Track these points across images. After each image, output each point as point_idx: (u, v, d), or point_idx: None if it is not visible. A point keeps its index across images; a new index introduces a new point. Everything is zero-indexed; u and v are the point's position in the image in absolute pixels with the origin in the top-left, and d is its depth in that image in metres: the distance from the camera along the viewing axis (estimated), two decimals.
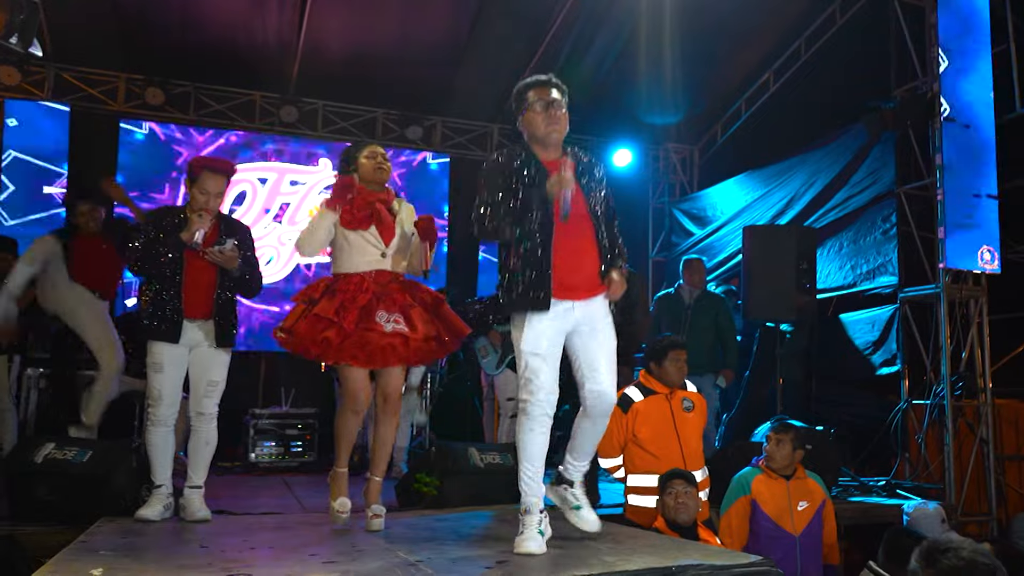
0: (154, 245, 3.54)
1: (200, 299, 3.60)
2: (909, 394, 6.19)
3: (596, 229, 2.98)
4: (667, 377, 4.17)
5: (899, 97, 6.37)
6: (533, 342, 2.86)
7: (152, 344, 3.57)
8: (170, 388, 3.58)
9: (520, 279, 2.88)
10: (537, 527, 2.78)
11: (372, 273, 3.28)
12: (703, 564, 2.47)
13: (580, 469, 3.07)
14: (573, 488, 3.03)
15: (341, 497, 3.33)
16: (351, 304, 3.15)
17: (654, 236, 9.46)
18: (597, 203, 3.02)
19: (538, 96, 3.00)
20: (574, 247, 2.93)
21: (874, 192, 6.53)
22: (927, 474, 5.92)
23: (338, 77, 7.82)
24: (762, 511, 4.02)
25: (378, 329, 3.14)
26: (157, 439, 3.59)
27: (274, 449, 6.37)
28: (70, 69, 7.41)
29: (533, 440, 2.86)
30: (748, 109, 8.62)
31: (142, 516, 3.46)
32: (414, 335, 3.21)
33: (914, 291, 6.16)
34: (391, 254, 3.34)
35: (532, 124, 3.01)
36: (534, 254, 2.87)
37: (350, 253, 3.31)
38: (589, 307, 2.96)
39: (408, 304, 3.27)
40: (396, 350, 3.20)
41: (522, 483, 2.87)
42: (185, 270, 3.57)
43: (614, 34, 7.64)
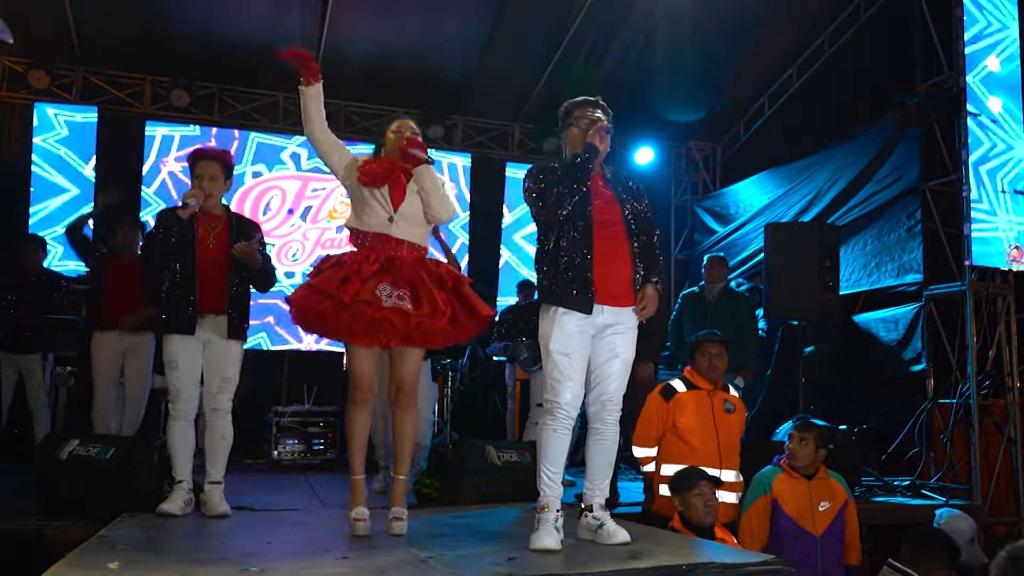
0: (159, 236, 3.62)
1: (213, 293, 3.65)
2: (935, 393, 6.09)
3: (630, 238, 3.04)
4: (700, 370, 4.18)
5: (924, 92, 6.27)
6: (562, 341, 2.92)
7: (167, 339, 3.64)
8: (187, 383, 3.65)
9: (562, 277, 2.94)
10: (553, 524, 2.83)
11: (379, 238, 3.12)
12: (714, 562, 2.46)
13: (598, 490, 3.06)
14: (593, 512, 3.02)
15: (358, 506, 3.14)
16: (355, 276, 3.00)
17: (676, 234, 9.42)
18: (632, 213, 3.08)
19: (582, 114, 3.10)
20: (609, 253, 3.00)
21: (899, 189, 6.43)
22: (953, 474, 5.83)
23: (360, 77, 7.87)
24: (783, 511, 3.98)
25: (376, 303, 2.94)
26: (177, 433, 3.65)
27: (296, 447, 6.42)
28: (98, 72, 7.54)
29: (555, 442, 2.93)
30: (771, 106, 8.54)
31: (163, 511, 3.51)
32: (417, 312, 2.98)
33: (940, 289, 6.07)
34: (399, 220, 3.14)
35: (575, 140, 3.09)
36: (574, 256, 2.95)
37: (362, 210, 3.18)
38: (617, 314, 3.01)
39: (419, 279, 3.07)
40: (394, 325, 2.97)
41: (541, 483, 2.92)
42: (198, 265, 3.62)
43: (635, 31, 7.61)
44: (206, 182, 3.67)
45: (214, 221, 3.76)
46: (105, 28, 7.05)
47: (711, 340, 4.26)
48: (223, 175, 3.75)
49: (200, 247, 3.65)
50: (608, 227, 3.00)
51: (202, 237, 3.68)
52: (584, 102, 3.14)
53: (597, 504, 3.02)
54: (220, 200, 3.80)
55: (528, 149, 8.79)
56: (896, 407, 6.29)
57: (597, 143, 3.00)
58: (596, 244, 2.97)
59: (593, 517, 3.00)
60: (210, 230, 3.72)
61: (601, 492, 3.05)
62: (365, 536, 3.03)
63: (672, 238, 9.39)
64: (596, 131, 3.01)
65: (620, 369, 3.03)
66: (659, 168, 9.21)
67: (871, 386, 6.58)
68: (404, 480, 3.26)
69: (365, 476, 3.24)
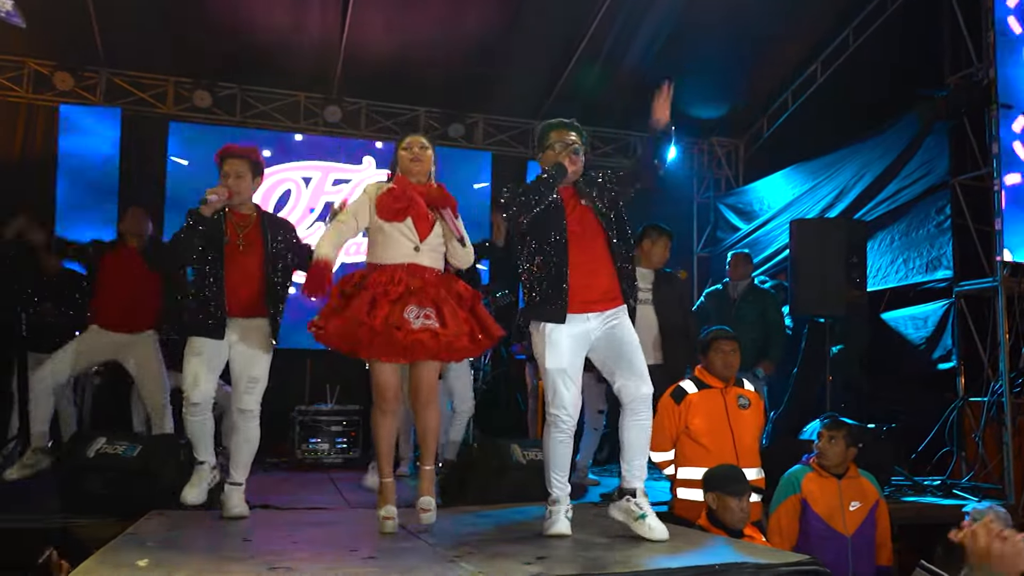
0: (180, 235, 3.56)
1: (243, 296, 3.59)
2: (965, 391, 5.99)
3: (609, 243, 3.20)
4: (713, 368, 4.11)
5: (953, 85, 6.16)
6: (555, 359, 3.10)
7: (193, 337, 3.57)
8: (206, 373, 3.55)
9: (538, 291, 3.15)
10: (564, 514, 3.10)
11: (405, 265, 3.19)
12: (748, 562, 2.41)
13: (638, 471, 3.14)
14: (636, 497, 3.07)
15: (387, 505, 3.23)
16: (382, 298, 3.08)
17: (699, 231, 9.33)
18: (605, 206, 3.24)
19: (558, 137, 3.28)
20: (587, 263, 3.16)
21: (927, 183, 6.32)
22: (985, 474, 5.72)
23: (381, 76, 7.87)
24: (812, 510, 3.93)
25: (406, 327, 3.05)
26: (194, 426, 3.58)
27: (319, 445, 6.42)
28: (121, 74, 7.59)
29: (560, 449, 3.15)
30: (795, 101, 8.43)
31: (186, 500, 3.48)
32: (444, 331, 3.10)
33: (970, 285, 5.96)
34: (425, 249, 3.24)
35: (548, 162, 3.25)
36: (550, 270, 3.13)
37: (385, 245, 3.24)
38: (607, 317, 3.17)
39: (442, 298, 3.18)
40: (425, 345, 3.09)
41: (551, 486, 3.17)
42: (227, 267, 3.56)
43: (656, 27, 7.54)
44: (232, 180, 3.61)
45: (243, 221, 3.69)
46: (129, 30, 7.08)
47: (725, 337, 4.20)
48: (251, 173, 3.67)
49: (229, 248, 3.58)
50: (584, 238, 3.17)
51: (231, 238, 3.61)
52: (559, 124, 3.33)
53: (640, 490, 3.08)
54: (249, 199, 3.73)
55: None
56: (925, 405, 6.18)
57: (567, 164, 3.15)
58: (572, 256, 3.13)
59: (636, 504, 3.05)
60: (239, 230, 3.65)
61: (641, 474, 3.13)
62: (392, 533, 3.12)
63: (695, 235, 9.30)
64: (566, 153, 3.17)
65: (633, 349, 3.16)
66: (681, 165, 9.13)
67: (899, 384, 6.47)
68: (431, 471, 3.36)
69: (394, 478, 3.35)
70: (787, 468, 4.20)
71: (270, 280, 3.66)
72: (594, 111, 8.50)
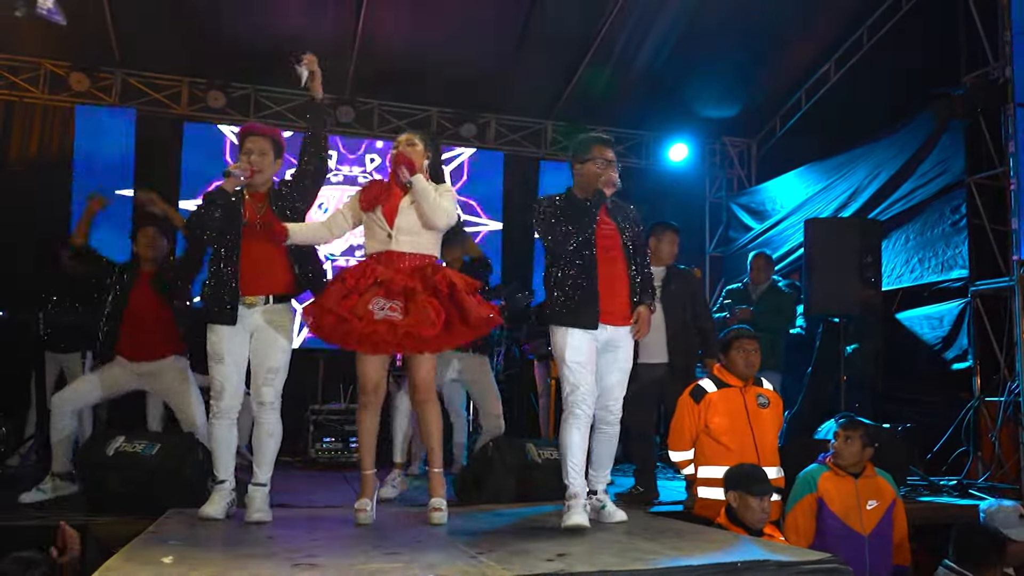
0: (200, 212, 3.51)
1: (260, 275, 3.51)
2: (981, 391, 5.97)
3: (628, 262, 3.48)
4: (735, 367, 4.11)
5: (969, 83, 6.14)
6: (575, 352, 3.34)
7: (211, 329, 3.50)
8: (232, 379, 3.50)
9: (567, 299, 3.36)
10: (582, 507, 3.27)
11: (382, 255, 3.38)
12: (770, 560, 2.41)
13: (602, 478, 3.53)
14: (596, 495, 3.48)
15: (362, 498, 3.41)
16: (354, 291, 3.24)
17: (711, 231, 9.32)
18: (631, 239, 3.50)
19: (600, 153, 3.47)
20: (610, 277, 3.41)
21: (942, 183, 6.30)
22: (1001, 474, 5.69)
23: (393, 77, 7.89)
24: (829, 509, 3.91)
25: (367, 318, 3.19)
26: (220, 432, 3.53)
27: (333, 445, 6.45)
28: (136, 75, 7.65)
29: (577, 437, 3.33)
30: (808, 100, 8.42)
31: (205, 514, 3.39)
32: (402, 322, 3.20)
33: (986, 284, 5.94)
34: (399, 235, 3.38)
35: (589, 175, 3.44)
36: (579, 279, 3.37)
37: (368, 235, 3.48)
38: (616, 331, 3.43)
39: (411, 289, 3.25)
40: (382, 337, 3.21)
41: (568, 475, 3.31)
42: (244, 249, 3.49)
43: (669, 27, 7.54)
44: (255, 157, 3.53)
45: (260, 200, 3.59)
46: (144, 31, 7.14)
47: (748, 336, 4.20)
48: (273, 152, 3.59)
49: (247, 230, 3.50)
50: (609, 252, 3.43)
51: (249, 219, 3.53)
52: (601, 140, 3.53)
53: (600, 489, 3.50)
54: (269, 178, 3.64)
55: (561, 147, 8.75)
56: (941, 405, 6.16)
57: (606, 191, 3.37)
58: (599, 269, 3.39)
59: (597, 499, 3.47)
60: (258, 211, 3.55)
61: (604, 479, 3.54)
62: (367, 524, 3.30)
63: (707, 235, 9.30)
64: (608, 179, 3.36)
65: (620, 377, 3.49)
66: (693, 165, 9.14)
67: (914, 384, 6.45)
68: (439, 473, 3.48)
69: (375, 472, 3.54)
70: (802, 467, 4.18)
71: (291, 260, 3.59)
72: (606, 111, 8.52)
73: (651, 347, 4.63)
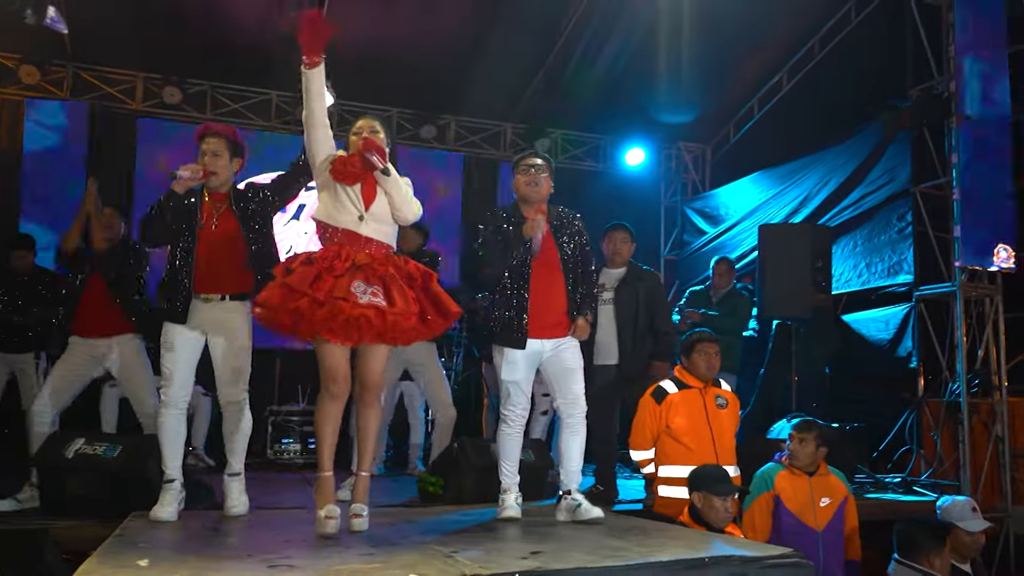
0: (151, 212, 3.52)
1: (216, 274, 3.51)
2: (925, 392, 6.21)
3: (565, 274, 3.60)
4: (696, 370, 4.22)
5: (915, 96, 6.38)
6: (510, 372, 3.56)
7: (165, 325, 3.52)
8: (181, 367, 3.49)
9: (502, 318, 3.53)
10: (514, 501, 3.54)
11: (347, 236, 3.13)
12: (735, 555, 2.51)
13: (573, 476, 3.59)
14: (571, 494, 3.53)
15: (328, 504, 3.07)
16: (327, 273, 3.00)
17: (666, 234, 9.49)
18: (570, 251, 3.63)
19: (525, 163, 3.65)
20: (545, 290, 3.55)
21: (890, 191, 6.54)
22: (943, 471, 5.94)
23: (353, 76, 7.82)
24: (785, 507, 4.05)
25: (352, 299, 2.97)
26: (169, 421, 3.49)
27: (292, 446, 6.42)
28: (89, 68, 7.48)
29: (512, 442, 3.61)
30: (761, 108, 8.64)
31: (156, 517, 3.35)
32: (391, 309, 3.02)
33: (930, 289, 6.18)
34: (370, 220, 3.17)
35: (517, 187, 3.66)
36: (512, 297, 3.52)
37: (333, 206, 3.19)
38: (558, 343, 3.58)
39: (390, 276, 3.10)
40: (371, 322, 2.98)
41: (502, 474, 3.60)
42: (200, 247, 3.51)
43: (628, 33, 7.66)
44: (208, 158, 3.55)
45: (220, 201, 3.61)
46: (97, 24, 6.96)
47: (709, 340, 4.31)
48: (228, 152, 3.60)
49: (203, 229, 3.52)
50: (546, 267, 3.56)
51: (205, 218, 3.55)
52: (527, 153, 3.75)
53: (574, 488, 3.55)
54: (227, 179, 3.64)
55: (520, 149, 8.81)
56: (887, 406, 6.40)
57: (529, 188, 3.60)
58: (533, 283, 3.53)
59: (572, 499, 3.51)
60: (215, 210, 3.58)
61: (576, 477, 3.59)
62: (334, 534, 2.98)
63: (662, 238, 9.47)
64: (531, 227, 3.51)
65: (574, 374, 3.60)
66: (650, 169, 9.29)
67: (862, 385, 6.69)
68: (367, 477, 3.27)
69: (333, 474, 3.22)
70: (757, 466, 4.32)
71: (249, 260, 3.59)
72: (565, 115, 8.61)
73: (604, 349, 4.73)
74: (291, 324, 3.00)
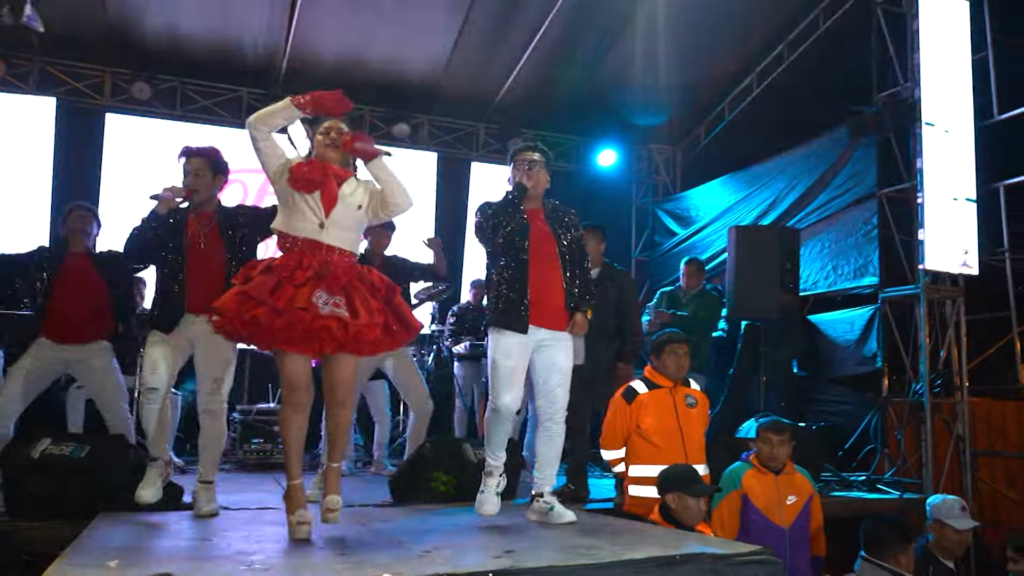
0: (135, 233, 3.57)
1: (205, 293, 3.52)
2: (889, 392, 6.34)
3: (563, 268, 3.55)
4: (666, 370, 4.26)
5: (881, 102, 6.51)
6: (505, 351, 3.43)
7: (152, 331, 3.60)
8: (164, 361, 3.51)
9: (502, 301, 3.46)
10: (495, 488, 3.46)
11: (311, 244, 3.04)
12: (706, 553, 2.54)
13: (548, 479, 3.55)
14: (543, 497, 3.50)
15: (299, 509, 2.99)
16: (288, 282, 2.91)
17: (637, 235, 9.57)
18: (568, 245, 3.58)
19: (521, 157, 3.60)
20: (544, 282, 3.49)
21: (856, 194, 6.67)
22: (906, 469, 6.07)
23: (326, 75, 7.81)
24: (753, 505, 4.10)
25: (313, 310, 2.87)
26: (150, 413, 3.51)
27: (263, 445, 6.36)
28: (56, 63, 7.36)
29: (500, 431, 3.49)
30: (731, 112, 8.75)
31: (139, 499, 3.42)
32: (354, 321, 2.93)
33: (894, 291, 6.31)
34: (331, 227, 3.07)
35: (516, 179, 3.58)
36: (514, 281, 3.46)
37: (291, 215, 3.09)
38: (553, 335, 3.51)
39: (352, 287, 3.01)
40: (332, 333, 2.90)
41: (488, 460, 3.52)
42: (188, 264, 3.58)
43: (601, 36, 7.72)
44: (190, 178, 3.64)
45: (206, 219, 3.70)
46: (65, 17, 6.87)
47: (679, 340, 4.35)
48: (210, 171, 3.68)
49: (192, 249, 3.60)
50: (543, 258, 3.50)
51: (192, 236, 3.63)
52: (524, 147, 3.66)
53: (547, 491, 3.51)
54: (210, 197, 3.73)
55: (493, 149, 8.84)
56: (852, 405, 6.52)
57: (526, 182, 3.52)
58: (532, 274, 3.46)
59: (544, 501, 3.48)
60: (201, 228, 3.67)
61: (550, 480, 3.55)
62: (307, 540, 2.91)
63: (633, 239, 9.55)
64: (524, 172, 3.53)
65: (561, 377, 3.54)
66: (621, 170, 9.36)
67: (828, 385, 6.81)
68: (338, 468, 3.21)
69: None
70: (725, 464, 4.37)
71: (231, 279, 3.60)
72: (537, 116, 8.65)
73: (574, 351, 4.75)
74: (248, 334, 2.94)
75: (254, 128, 3.11)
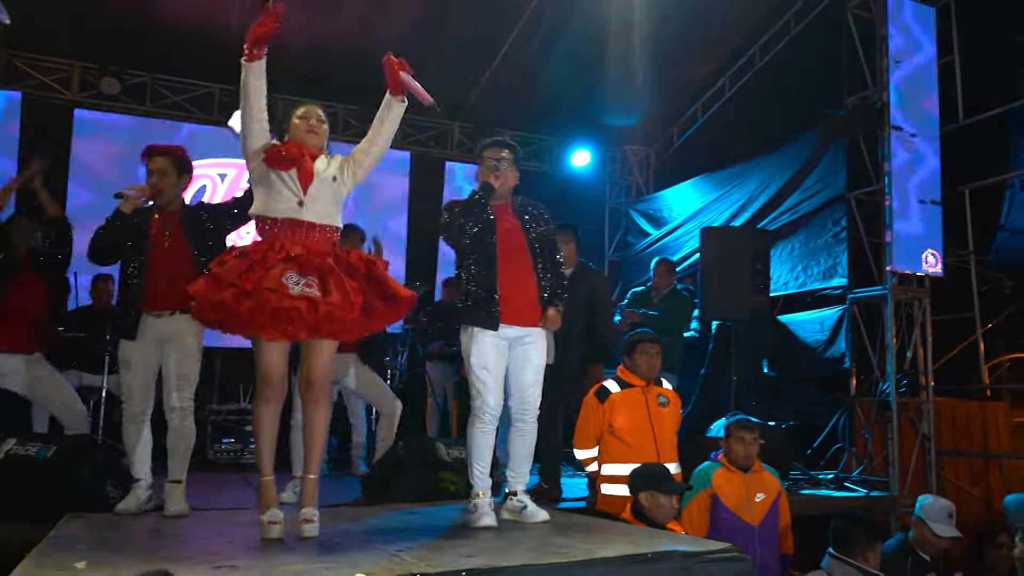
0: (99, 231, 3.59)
1: (167, 291, 3.54)
2: (857, 391, 6.43)
3: (534, 261, 3.49)
4: (638, 369, 4.29)
5: (850, 106, 6.60)
6: (480, 356, 3.37)
7: (120, 342, 3.63)
8: (139, 384, 3.60)
9: (472, 298, 3.41)
10: (488, 507, 3.31)
11: (287, 224, 2.99)
12: (677, 551, 2.57)
13: (521, 477, 3.52)
14: (516, 496, 3.47)
15: (271, 508, 2.94)
16: (259, 265, 2.84)
17: (611, 235, 9.63)
18: (537, 238, 3.52)
19: (489, 154, 3.53)
20: (514, 277, 3.43)
21: (825, 196, 6.77)
22: (872, 468, 6.17)
23: (298, 72, 7.71)
24: (722, 503, 4.15)
25: (282, 291, 2.78)
26: (131, 436, 3.60)
27: (233, 446, 6.31)
28: (21, 55, 7.23)
29: (483, 440, 3.41)
30: (704, 113, 8.83)
31: (121, 510, 3.47)
32: (326, 300, 2.84)
33: (862, 292, 6.41)
34: (310, 203, 3.02)
35: (481, 177, 3.53)
36: (482, 279, 3.41)
37: (268, 195, 3.04)
38: (526, 331, 3.46)
39: (327, 267, 2.92)
40: (302, 315, 2.80)
41: (474, 477, 3.40)
42: (152, 263, 3.58)
43: (576, 37, 7.74)
44: (155, 178, 3.64)
45: (170, 219, 3.68)
46: (31, 8, 6.74)
47: (651, 340, 4.38)
48: (175, 170, 3.69)
49: (154, 246, 3.60)
50: (513, 252, 3.44)
51: (155, 235, 3.63)
52: (493, 143, 3.57)
53: (520, 489, 3.48)
54: (175, 196, 3.73)
55: (467, 149, 8.83)
56: (820, 404, 6.61)
57: (493, 181, 3.45)
58: (501, 269, 3.40)
59: (517, 500, 3.46)
60: (165, 227, 3.66)
61: (523, 479, 3.52)
62: (279, 539, 2.87)
63: (606, 239, 9.60)
64: (490, 171, 3.47)
65: (535, 375, 3.50)
66: (595, 171, 9.41)
67: (797, 384, 6.90)
68: (315, 480, 3.08)
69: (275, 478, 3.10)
70: (697, 463, 4.42)
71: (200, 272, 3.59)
72: (512, 115, 8.65)
73: None
74: (218, 318, 2.87)
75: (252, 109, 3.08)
